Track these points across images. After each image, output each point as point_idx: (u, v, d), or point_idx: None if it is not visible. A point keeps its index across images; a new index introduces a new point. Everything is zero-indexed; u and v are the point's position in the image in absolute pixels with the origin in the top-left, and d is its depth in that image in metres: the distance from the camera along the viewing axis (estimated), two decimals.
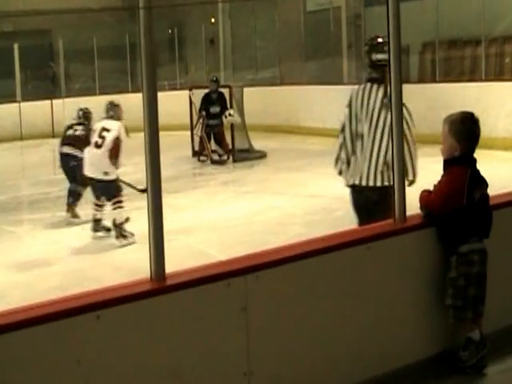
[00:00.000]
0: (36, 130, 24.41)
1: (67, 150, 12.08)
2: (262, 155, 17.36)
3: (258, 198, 12.78)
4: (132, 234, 10.13)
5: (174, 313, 4.01)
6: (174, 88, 25.38)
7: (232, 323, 4.17)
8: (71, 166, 11.86)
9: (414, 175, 6.40)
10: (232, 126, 17.37)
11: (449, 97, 16.30)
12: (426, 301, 5.00)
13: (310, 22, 24.40)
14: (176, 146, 17.40)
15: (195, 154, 17.70)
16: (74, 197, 11.92)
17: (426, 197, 5.08)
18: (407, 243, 4.95)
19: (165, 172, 4.07)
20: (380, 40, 6.42)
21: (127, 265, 8.68)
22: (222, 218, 11.32)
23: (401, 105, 5.03)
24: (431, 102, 16.33)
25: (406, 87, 5.12)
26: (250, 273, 4.19)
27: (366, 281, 4.69)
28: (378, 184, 6.33)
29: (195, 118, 17.99)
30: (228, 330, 4.16)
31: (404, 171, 5.13)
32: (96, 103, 23.07)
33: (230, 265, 4.35)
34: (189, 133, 18.31)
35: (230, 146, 17.35)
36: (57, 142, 21.94)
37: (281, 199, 12.39)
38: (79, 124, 12.32)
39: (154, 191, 4.04)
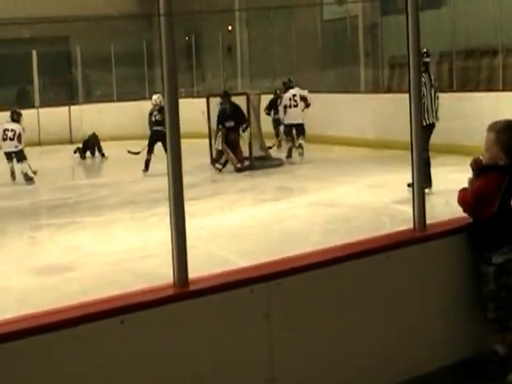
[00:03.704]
0: (54, 135, 24.53)
1: None
2: (279, 163, 17.36)
3: (276, 205, 12.78)
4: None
5: (197, 318, 4.02)
6: (191, 95, 25.43)
7: (254, 329, 4.18)
8: None
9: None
10: (250, 133, 17.38)
11: (466, 106, 16.30)
12: (447, 308, 4.99)
13: (326, 30, 24.42)
14: (194, 154, 17.40)
15: (213, 161, 17.72)
16: None
17: (462, 193, 5.02)
18: (427, 251, 4.94)
19: (184, 179, 4.09)
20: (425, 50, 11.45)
21: (147, 271, 8.70)
22: (242, 226, 11.36)
23: (420, 115, 5.05)
24: (448, 112, 16.31)
25: None
26: (273, 279, 4.21)
27: (386, 288, 4.70)
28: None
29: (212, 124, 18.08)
30: (250, 336, 4.17)
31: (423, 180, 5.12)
32: (114, 110, 23.37)
33: (253, 271, 4.37)
34: (206, 140, 18.35)
35: (246, 154, 17.37)
36: (75, 147, 22.23)
37: (299, 207, 12.38)
38: None
39: (176, 198, 4.07)
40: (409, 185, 12.55)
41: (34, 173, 17.59)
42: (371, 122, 18.09)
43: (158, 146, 16.50)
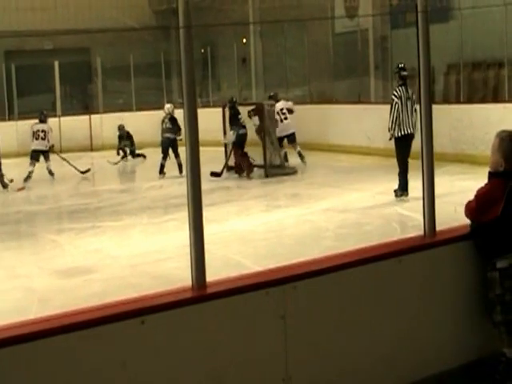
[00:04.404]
0: (75, 143, 24.59)
1: None
2: (293, 171, 17.35)
3: (289, 211, 12.76)
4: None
5: (215, 320, 4.05)
6: (207, 105, 25.46)
7: (271, 330, 4.20)
8: None
9: None
10: (264, 141, 17.38)
11: (473, 117, 16.27)
12: (457, 311, 5.00)
13: (338, 43, 24.41)
14: (209, 161, 17.47)
15: (228, 168, 17.73)
16: None
17: (467, 204, 5.05)
18: (437, 256, 4.96)
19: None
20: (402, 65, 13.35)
21: (165, 274, 8.71)
22: (256, 231, 11.33)
23: (431, 124, 5.05)
24: (456, 122, 16.31)
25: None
26: (289, 283, 4.23)
27: (397, 292, 4.71)
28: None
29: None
30: (267, 337, 4.19)
31: (434, 191, 5.11)
32: (133, 118, 23.42)
33: (269, 275, 4.39)
34: (222, 148, 18.37)
35: (256, 162, 17.41)
36: (95, 154, 22.30)
37: (312, 213, 12.34)
38: None
39: (195, 203, 4.09)
40: (395, 191, 12.69)
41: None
42: (381, 132, 18.06)
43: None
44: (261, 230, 11.41)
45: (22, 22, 23.40)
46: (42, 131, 19.08)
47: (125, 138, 22.27)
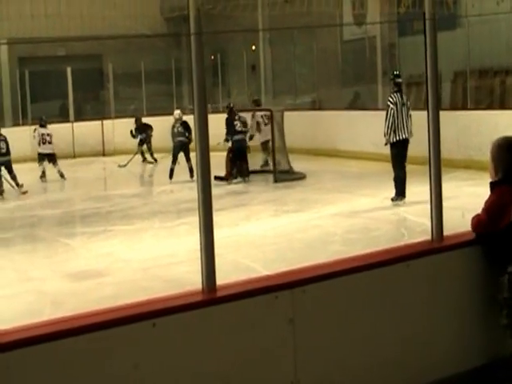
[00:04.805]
0: (87, 148, 24.67)
1: None
2: (301, 176, 17.35)
3: (298, 216, 12.73)
4: None
5: (224, 323, 4.05)
6: (216, 111, 25.50)
7: (279, 334, 4.19)
8: None
9: None
10: (273, 148, 17.41)
11: (480, 124, 16.24)
12: (464, 316, 4.98)
13: (346, 50, 24.41)
14: (218, 166, 17.49)
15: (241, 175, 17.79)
16: None
17: (475, 219, 5.00)
18: (444, 261, 4.94)
19: None
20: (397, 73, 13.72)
21: (176, 277, 8.72)
22: (265, 235, 11.34)
23: (438, 130, 5.04)
24: (463, 129, 16.28)
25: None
26: (298, 287, 4.22)
27: (405, 296, 4.70)
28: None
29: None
30: (276, 340, 4.19)
31: (441, 197, 5.10)
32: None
33: (278, 279, 4.39)
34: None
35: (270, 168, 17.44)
36: (107, 160, 22.33)
37: (320, 218, 12.33)
38: None
39: (205, 208, 4.10)
40: (392, 199, 12.71)
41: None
42: None
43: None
44: (270, 234, 11.41)
45: (35, 29, 23.46)
46: (48, 135, 19.67)
47: (141, 131, 22.41)
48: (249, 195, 16.01)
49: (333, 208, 13.10)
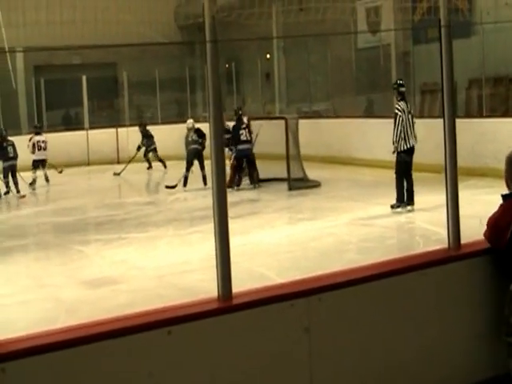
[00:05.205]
0: (102, 156, 24.72)
1: None
2: (316, 184, 17.31)
3: (312, 224, 12.68)
4: None
5: (240, 331, 4.03)
6: (231, 119, 25.52)
7: (295, 342, 4.17)
8: None
9: None
10: (287, 155, 17.39)
11: (495, 131, 16.18)
12: (479, 326, 4.93)
13: (360, 58, 24.42)
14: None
15: (252, 181, 17.82)
16: None
17: (484, 233, 4.95)
18: (461, 270, 4.90)
19: None
20: (401, 81, 13.97)
21: (190, 285, 8.71)
22: (279, 243, 11.31)
23: (454, 138, 5.00)
24: (478, 137, 16.21)
25: None
26: (313, 295, 4.20)
27: (421, 305, 4.66)
28: None
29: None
30: (291, 349, 4.16)
31: (458, 205, 5.04)
32: (158, 132, 23.49)
33: (293, 287, 4.36)
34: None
35: (284, 175, 17.42)
36: (122, 167, 22.36)
37: (335, 226, 12.28)
38: None
39: (221, 216, 4.08)
40: (392, 206, 12.69)
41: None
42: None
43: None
44: (284, 242, 11.38)
45: (51, 37, 23.55)
46: (43, 142, 20.55)
47: (145, 137, 22.57)
48: (263, 203, 15.98)
49: (347, 216, 13.04)
